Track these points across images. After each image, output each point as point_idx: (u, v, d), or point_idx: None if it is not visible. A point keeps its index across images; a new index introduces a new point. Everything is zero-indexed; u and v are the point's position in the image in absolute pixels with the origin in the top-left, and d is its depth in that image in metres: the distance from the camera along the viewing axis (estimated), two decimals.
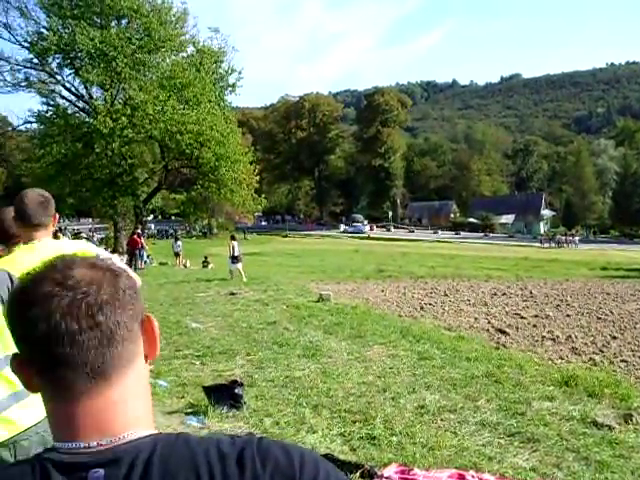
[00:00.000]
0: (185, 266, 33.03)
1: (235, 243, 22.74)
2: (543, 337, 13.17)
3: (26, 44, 37.06)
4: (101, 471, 0.96)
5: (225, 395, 6.53)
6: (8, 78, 37.66)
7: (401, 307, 16.77)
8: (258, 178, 44.59)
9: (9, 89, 37.96)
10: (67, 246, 3.35)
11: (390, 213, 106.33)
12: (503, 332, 13.46)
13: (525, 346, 12.14)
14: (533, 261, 42.59)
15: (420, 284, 23.00)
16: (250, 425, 6.00)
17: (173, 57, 39.30)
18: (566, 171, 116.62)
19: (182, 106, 35.88)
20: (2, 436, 2.74)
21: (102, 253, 3.30)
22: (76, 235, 38.38)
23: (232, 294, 16.31)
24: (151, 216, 75.90)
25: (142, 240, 30.57)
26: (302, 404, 6.54)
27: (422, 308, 16.73)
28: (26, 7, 36.59)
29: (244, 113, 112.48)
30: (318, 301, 14.84)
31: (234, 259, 22.25)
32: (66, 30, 35.21)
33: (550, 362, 10.35)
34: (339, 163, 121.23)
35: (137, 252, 29.19)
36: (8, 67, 37.64)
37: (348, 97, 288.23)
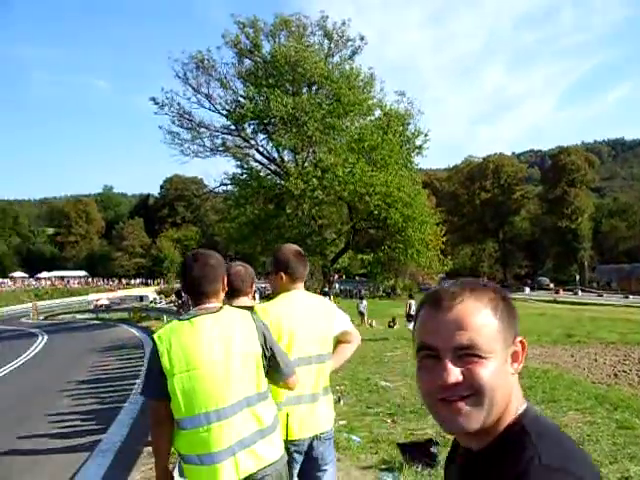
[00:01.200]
0: (371, 325, 33.15)
1: (412, 302, 22.96)
2: None
3: (224, 112, 39.50)
4: None
5: (420, 453, 6.54)
6: (207, 144, 40.12)
7: (593, 373, 15.71)
8: (444, 239, 44.35)
9: (208, 154, 40.36)
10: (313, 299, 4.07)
11: (577, 276, 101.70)
12: None
13: None
14: None
15: (611, 350, 21.61)
16: None
17: (361, 120, 40.13)
18: None
19: (370, 168, 36.29)
20: (249, 469, 3.09)
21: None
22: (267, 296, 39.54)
23: None
24: (336, 276, 77.23)
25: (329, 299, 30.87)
26: None
27: (616, 375, 15.53)
28: (225, 78, 39.07)
29: (428, 174, 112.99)
30: None
31: (410, 317, 22.49)
32: (261, 98, 37.01)
33: None
34: (524, 224, 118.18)
35: None
36: (208, 134, 40.08)
37: (532, 157, 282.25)
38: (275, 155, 41.59)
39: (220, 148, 40.45)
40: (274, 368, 3.27)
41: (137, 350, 21.97)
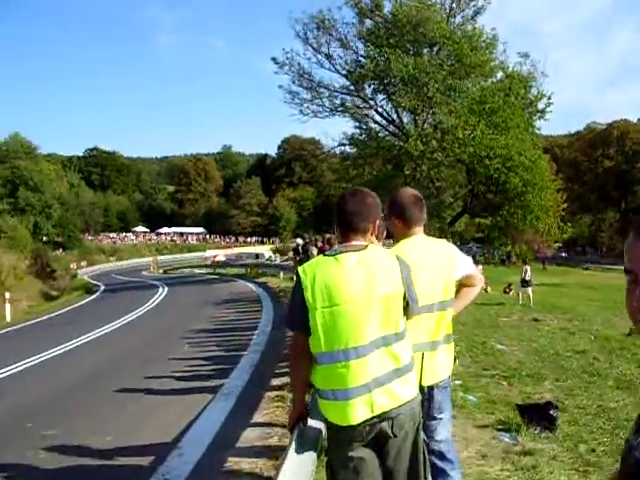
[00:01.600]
0: (486, 291, 32.69)
1: (527, 267, 23.10)
2: None
3: (344, 72, 39.32)
4: None
5: (539, 416, 6.48)
6: (326, 104, 40.09)
7: None
8: (564, 206, 43.03)
9: (326, 114, 40.36)
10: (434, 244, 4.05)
11: None
12: None
13: None
14: None
15: None
16: (564, 449, 5.90)
17: (482, 82, 39.21)
18: None
19: (491, 131, 35.49)
20: (384, 406, 3.11)
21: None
22: None
23: (535, 320, 16.30)
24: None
25: None
26: (620, 435, 6.13)
27: None
28: (346, 38, 38.82)
29: (548, 140, 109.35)
30: (629, 334, 13.77)
31: (524, 283, 22.56)
32: (381, 58, 36.62)
33: None
34: None
35: None
36: (327, 94, 40.06)
37: None
38: (394, 116, 41.20)
39: (339, 108, 40.41)
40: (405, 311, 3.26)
41: (255, 304, 22.50)
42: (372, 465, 3.27)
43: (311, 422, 3.60)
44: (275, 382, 9.47)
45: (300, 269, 3.27)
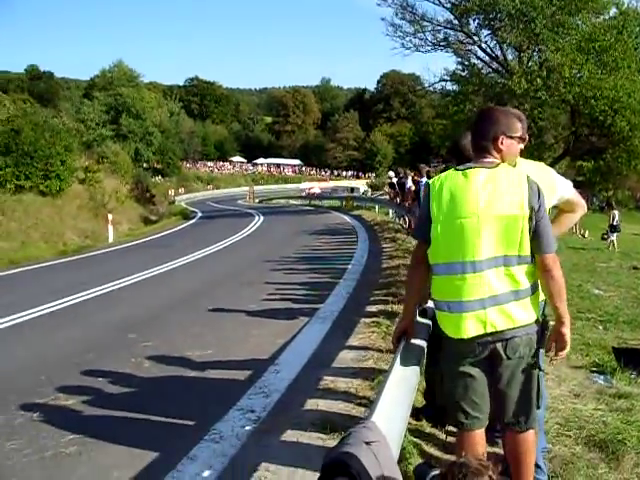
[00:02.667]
0: (583, 236, 31.93)
1: (615, 212, 22.40)
2: None
3: (448, 5, 38.05)
4: None
5: (636, 360, 6.36)
6: (429, 38, 39.03)
7: None
8: None
9: (428, 48, 39.35)
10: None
11: None
12: None
13: None
14: None
15: None
16: None
17: (594, 19, 37.31)
18: None
19: (599, 70, 33.90)
20: (497, 325, 3.09)
21: None
22: None
23: (635, 268, 15.65)
24: None
25: None
26: None
27: None
28: None
29: None
30: None
31: (613, 228, 21.92)
32: None
33: None
34: None
35: None
36: (430, 27, 38.96)
37: None
38: (498, 53, 39.82)
39: (442, 43, 39.30)
40: (535, 240, 3.14)
41: (350, 235, 22.51)
42: (481, 385, 3.26)
43: (414, 340, 3.60)
44: (371, 309, 9.48)
45: (430, 181, 3.28)
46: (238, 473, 4.38)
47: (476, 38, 39.40)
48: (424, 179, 16.09)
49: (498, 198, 3.08)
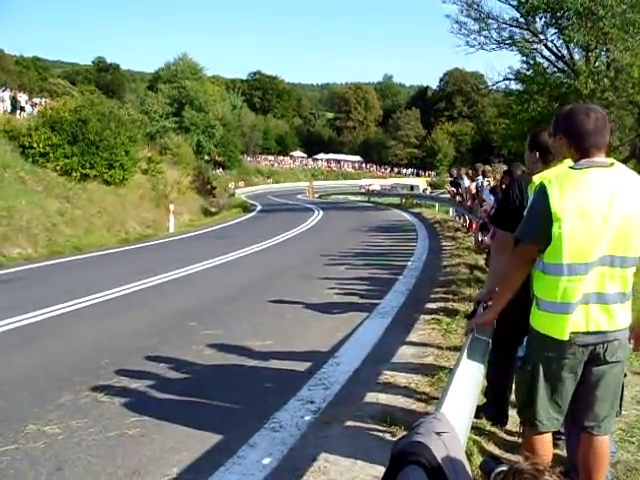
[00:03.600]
0: None
1: None
2: None
3: (514, 3, 37.49)
4: None
5: None
6: (494, 36, 38.50)
7: None
8: None
9: (493, 47, 38.77)
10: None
11: None
12: None
13: None
14: None
15: None
16: None
17: None
18: None
19: None
20: (601, 325, 3.07)
21: None
22: None
23: None
24: None
25: None
26: None
27: None
28: None
29: None
30: None
31: None
32: None
33: None
34: None
35: None
36: (495, 25, 38.42)
37: None
38: (564, 52, 39.03)
39: (507, 41, 38.71)
40: None
41: (410, 232, 22.39)
42: (570, 388, 3.23)
43: (481, 337, 3.58)
44: (431, 306, 9.41)
45: (542, 179, 3.17)
46: (298, 462, 4.39)
47: (542, 37, 38.72)
48: (480, 178, 15.92)
49: (619, 197, 3.03)
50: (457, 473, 2.20)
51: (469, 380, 3.30)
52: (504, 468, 2.42)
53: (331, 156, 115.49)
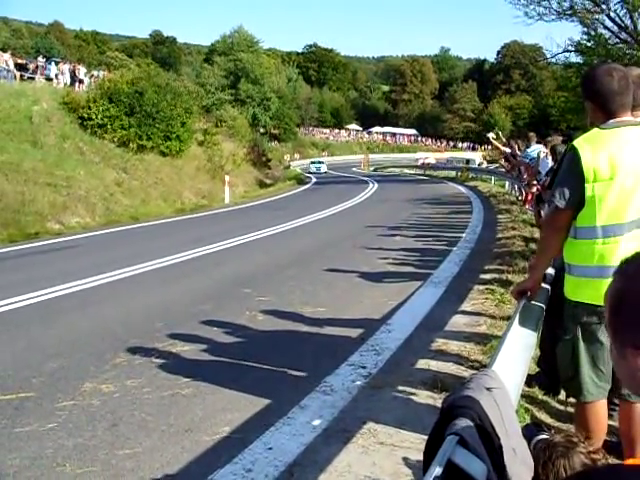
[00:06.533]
0: None
1: None
2: None
3: None
4: None
5: None
6: (554, 6, 37.52)
7: None
8: None
9: (553, 17, 37.81)
10: None
11: None
12: None
13: None
14: None
15: None
16: None
17: None
18: None
19: None
20: None
21: None
22: None
23: None
24: None
25: None
26: None
27: None
28: None
29: None
30: None
31: None
32: None
33: None
34: None
35: None
36: None
37: None
38: (628, 22, 37.83)
39: (567, 12, 37.73)
40: None
41: (464, 205, 22.18)
42: (608, 353, 3.09)
43: (535, 302, 3.50)
44: (485, 276, 9.30)
45: (575, 143, 3.07)
46: (348, 424, 4.40)
47: (604, 6, 37.58)
48: (533, 145, 15.43)
49: None
50: (507, 429, 2.17)
51: (521, 342, 3.24)
52: (545, 436, 2.37)
53: (386, 129, 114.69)
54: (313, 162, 63.77)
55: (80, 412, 4.69)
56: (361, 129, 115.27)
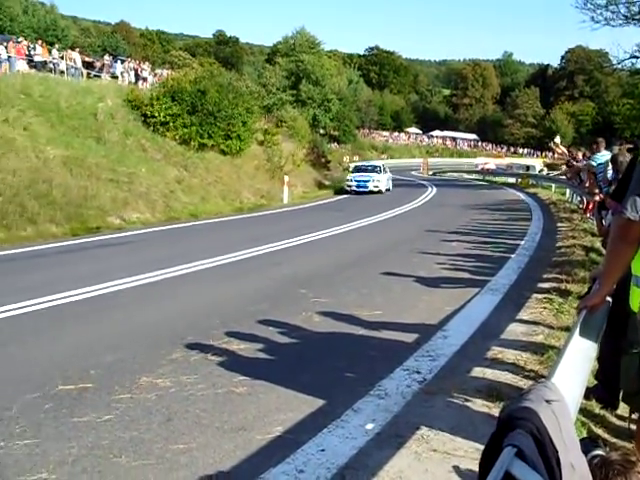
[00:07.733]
0: None
1: None
2: None
3: None
4: None
5: None
6: (622, 11, 36.80)
7: None
8: None
9: (620, 22, 37.05)
10: None
11: None
12: None
13: None
14: None
15: None
16: None
17: None
18: None
19: None
20: None
21: None
22: None
23: None
24: None
25: None
26: None
27: None
28: None
29: None
30: None
31: None
32: None
33: None
34: None
35: None
36: (624, 0, 36.72)
37: None
38: None
39: (636, 17, 37.00)
40: None
41: (524, 212, 21.85)
42: None
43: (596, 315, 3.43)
44: (543, 285, 9.15)
45: None
46: (401, 430, 4.38)
47: None
48: (603, 151, 14.66)
49: None
50: (566, 443, 2.13)
51: (581, 355, 3.19)
52: (601, 452, 2.32)
53: (446, 133, 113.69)
54: (359, 169, 36.69)
55: (136, 405, 4.78)
56: (421, 132, 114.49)
